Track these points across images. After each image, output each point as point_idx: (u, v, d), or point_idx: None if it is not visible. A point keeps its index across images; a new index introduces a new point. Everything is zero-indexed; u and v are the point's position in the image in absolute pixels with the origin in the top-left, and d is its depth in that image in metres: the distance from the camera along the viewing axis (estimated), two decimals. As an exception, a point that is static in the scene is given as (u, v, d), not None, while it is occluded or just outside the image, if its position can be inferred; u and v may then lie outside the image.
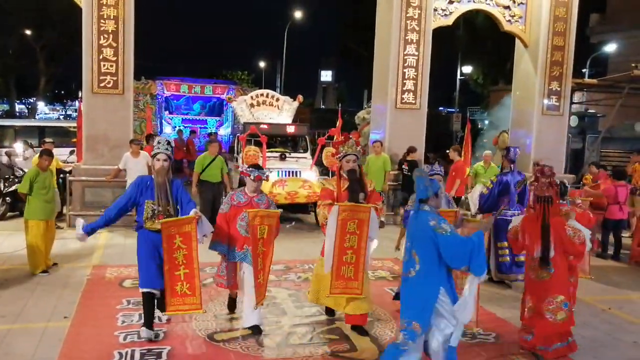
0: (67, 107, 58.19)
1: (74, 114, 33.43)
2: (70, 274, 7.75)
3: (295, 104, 13.35)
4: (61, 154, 12.01)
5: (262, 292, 5.60)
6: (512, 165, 7.99)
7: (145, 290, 5.42)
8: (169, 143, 5.61)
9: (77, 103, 35.10)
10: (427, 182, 4.60)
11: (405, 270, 4.59)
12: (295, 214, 12.35)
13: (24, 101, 48.92)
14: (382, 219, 11.94)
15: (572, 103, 15.32)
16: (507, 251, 7.82)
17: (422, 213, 4.50)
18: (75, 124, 14.02)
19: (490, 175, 9.77)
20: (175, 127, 19.92)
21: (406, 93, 12.71)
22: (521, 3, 13.62)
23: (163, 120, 19.75)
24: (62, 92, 54.46)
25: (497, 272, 7.96)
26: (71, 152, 12.50)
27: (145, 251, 5.43)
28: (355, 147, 5.90)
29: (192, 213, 5.27)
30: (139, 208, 5.44)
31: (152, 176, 5.50)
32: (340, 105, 15.31)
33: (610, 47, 28.90)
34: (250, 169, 5.85)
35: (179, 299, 5.27)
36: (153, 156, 5.54)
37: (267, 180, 5.84)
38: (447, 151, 12.59)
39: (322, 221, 5.86)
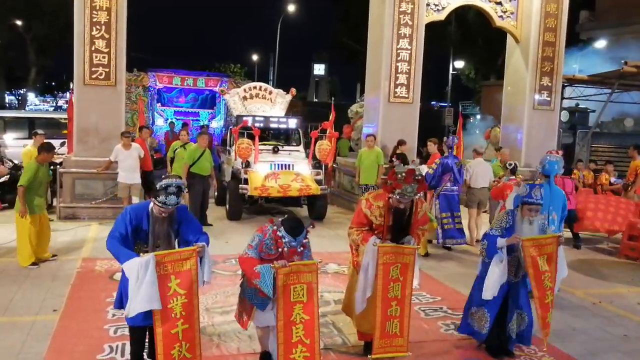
0: (57, 99, 57.80)
1: (65, 106, 33.19)
2: (60, 267, 7.72)
3: (288, 97, 13.32)
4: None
5: None
6: (449, 150, 9.87)
7: (138, 326, 4.37)
8: (179, 190, 4.29)
9: (67, 95, 34.87)
10: None
11: None
12: (288, 207, 12.37)
13: (13, 92, 48.53)
14: None
15: (562, 98, 15.39)
16: (449, 220, 9.55)
17: None
18: (65, 116, 13.93)
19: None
20: (167, 119, 19.81)
21: (399, 87, 12.72)
22: (513, -1, 13.67)
23: (155, 113, 19.64)
24: (53, 83, 54.09)
25: (443, 239, 9.59)
26: (62, 144, 12.42)
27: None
28: (414, 192, 4.90)
29: (195, 246, 4.22)
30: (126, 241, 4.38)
31: (149, 212, 4.39)
32: (333, 98, 15.31)
33: (600, 44, 29.02)
34: (283, 233, 4.36)
35: None
36: (155, 197, 4.29)
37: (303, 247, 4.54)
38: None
39: (352, 244, 5.17)
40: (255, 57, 50.17)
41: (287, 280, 4.32)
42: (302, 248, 4.47)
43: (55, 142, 12.58)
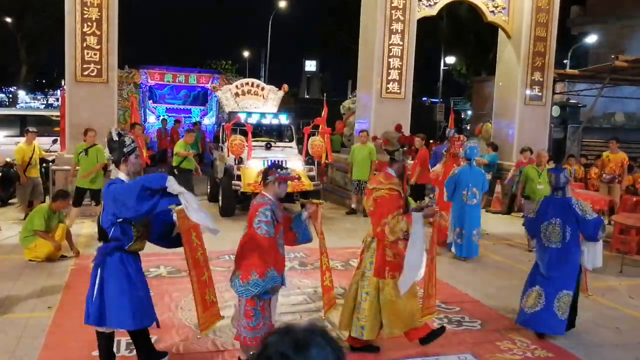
0: (48, 97, 57.44)
1: (56, 103, 32.99)
2: (55, 264, 7.70)
3: (281, 93, 13.32)
4: (43, 143, 11.88)
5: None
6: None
7: (137, 329, 4.56)
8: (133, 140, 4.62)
9: (58, 92, 34.66)
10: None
11: None
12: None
13: (4, 90, 48.16)
14: (354, 206, 12.11)
15: (554, 93, 15.47)
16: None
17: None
18: (57, 113, 13.87)
19: (546, 179, 8.04)
20: (159, 116, 19.77)
21: (391, 82, 12.75)
22: (504, -6, 13.72)
23: (147, 110, 19.59)
24: (44, 81, 53.68)
25: None
26: (54, 141, 12.38)
27: (130, 280, 4.41)
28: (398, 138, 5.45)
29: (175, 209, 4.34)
30: (122, 226, 4.36)
31: (125, 181, 4.44)
32: (325, 95, 15.32)
33: (591, 39, 29.19)
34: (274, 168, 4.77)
35: (208, 312, 4.66)
36: (130, 154, 4.49)
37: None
38: (431, 141, 12.70)
39: (399, 236, 4.94)
40: (246, 54, 50.05)
41: None
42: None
43: (47, 140, 12.61)
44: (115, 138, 4.48)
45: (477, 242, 8.89)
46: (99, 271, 4.42)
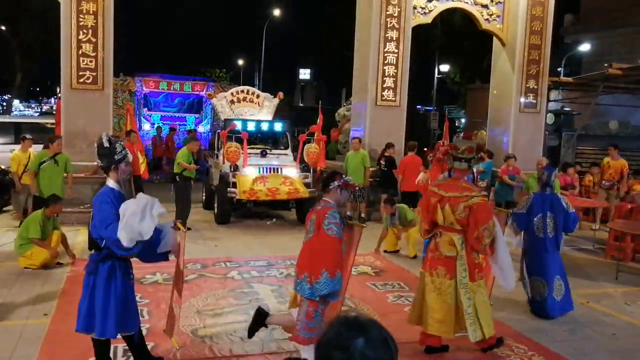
0: (42, 104, 57.34)
1: (50, 111, 32.93)
2: (50, 271, 7.67)
3: (276, 100, 13.34)
4: (38, 150, 11.82)
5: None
6: None
7: (123, 334, 4.64)
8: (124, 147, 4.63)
9: (52, 100, 34.56)
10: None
11: None
12: (276, 210, 12.36)
13: (-2, 98, 48.11)
14: (363, 215, 12.04)
15: (548, 101, 15.54)
16: None
17: None
18: (52, 120, 13.85)
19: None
20: (154, 124, 19.76)
21: (386, 90, 12.79)
22: (499, 2, 13.79)
23: (142, 117, 19.58)
24: (37, 89, 53.62)
25: None
26: (49, 149, 12.32)
27: (117, 288, 4.39)
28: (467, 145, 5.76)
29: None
30: None
31: (115, 188, 4.45)
32: (320, 102, 15.38)
33: (584, 47, 29.38)
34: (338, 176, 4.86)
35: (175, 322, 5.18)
36: (120, 161, 4.48)
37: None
38: (425, 148, 12.73)
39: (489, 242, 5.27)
40: (240, 62, 50.10)
41: None
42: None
43: (42, 147, 12.55)
44: (106, 144, 4.44)
45: None
46: (91, 279, 4.40)
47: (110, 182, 4.45)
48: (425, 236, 5.69)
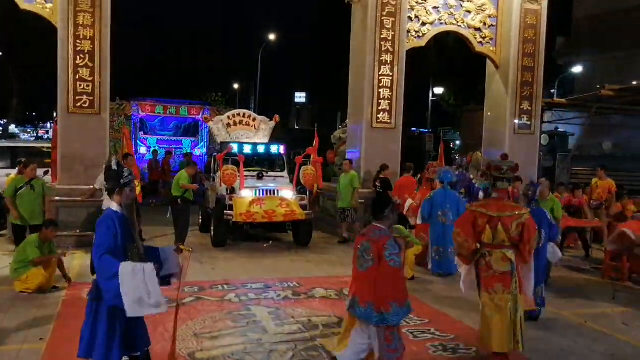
0: (38, 129, 57.41)
1: (46, 136, 32.98)
2: (46, 295, 7.61)
3: (272, 123, 13.40)
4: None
5: None
6: (461, 170, 11.12)
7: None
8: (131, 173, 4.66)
9: (48, 125, 34.57)
10: None
11: None
12: (273, 233, 12.35)
13: (-5, 122, 48.17)
14: (345, 235, 12.10)
15: (542, 122, 15.67)
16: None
17: None
18: (48, 145, 13.86)
19: (546, 206, 8.52)
20: (150, 147, 19.80)
21: (381, 112, 12.88)
22: (492, 25, 13.97)
23: (138, 141, 19.62)
24: (34, 113, 53.71)
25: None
26: (45, 173, 12.33)
27: (122, 314, 4.19)
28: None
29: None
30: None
31: (118, 211, 4.43)
32: (316, 125, 15.48)
33: (577, 69, 29.75)
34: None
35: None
36: (125, 185, 4.50)
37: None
38: (425, 171, 12.80)
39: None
40: (236, 86, 50.39)
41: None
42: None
43: (39, 171, 12.55)
44: (115, 167, 4.50)
45: (454, 259, 9.25)
46: (94, 306, 4.34)
47: (114, 205, 4.47)
48: (468, 259, 5.75)
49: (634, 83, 18.89)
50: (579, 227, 11.65)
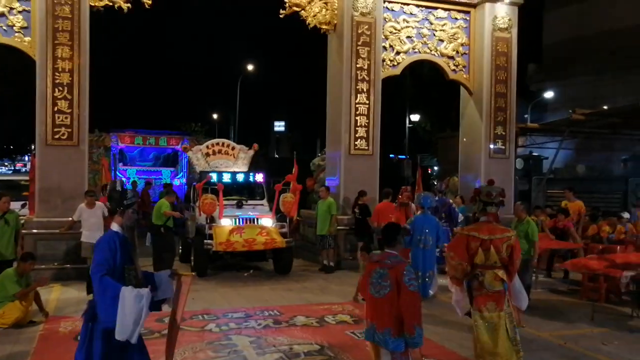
0: (15, 162, 56.77)
1: (24, 169, 32.63)
2: (22, 330, 7.52)
3: (251, 152, 13.48)
4: (12, 207, 11.71)
5: None
6: (440, 195, 11.12)
7: None
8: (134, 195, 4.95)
9: (26, 157, 34.24)
10: None
11: None
12: (252, 261, 12.33)
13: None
14: (332, 263, 12.11)
15: (517, 146, 15.97)
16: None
17: None
18: (26, 178, 13.76)
19: (520, 230, 9.01)
20: (130, 178, 19.73)
21: (359, 139, 13.03)
22: (464, 53, 14.29)
23: (117, 172, 19.55)
24: (11, 147, 53.17)
25: None
26: (22, 206, 12.21)
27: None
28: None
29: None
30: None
31: (119, 232, 4.51)
32: (295, 153, 15.58)
33: (549, 94, 30.44)
34: None
35: None
36: (128, 207, 4.67)
37: None
38: (399, 196, 12.90)
39: None
40: (215, 116, 50.45)
41: None
42: None
43: (16, 204, 12.43)
44: (119, 188, 4.60)
45: (431, 283, 9.58)
46: (89, 327, 4.32)
47: (115, 226, 4.53)
48: (461, 281, 5.88)
49: (605, 107, 19.37)
50: (562, 250, 11.78)
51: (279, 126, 60.55)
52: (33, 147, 12.43)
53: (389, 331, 4.72)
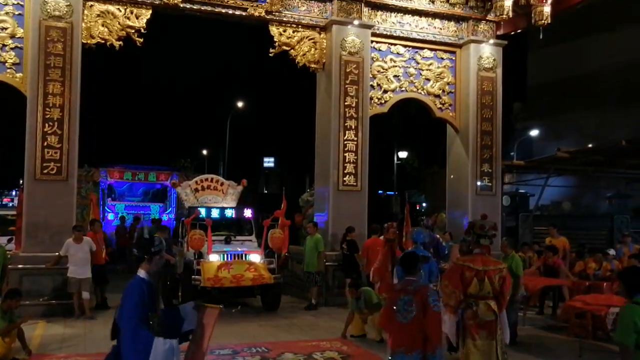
0: (2, 197, 56.26)
1: (10, 204, 32.41)
2: (6, 368, 7.42)
3: (240, 187, 13.52)
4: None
5: None
6: (428, 231, 11.03)
7: None
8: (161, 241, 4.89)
9: (13, 192, 34.00)
10: None
11: None
12: (240, 298, 12.26)
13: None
14: (314, 301, 12.06)
15: (503, 183, 16.15)
16: None
17: None
18: (13, 212, 13.71)
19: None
20: (118, 213, 19.66)
21: (347, 176, 13.15)
22: (450, 92, 14.57)
23: (106, 207, 19.49)
24: (-2, 182, 52.64)
25: None
26: (9, 240, 12.17)
27: None
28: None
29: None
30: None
31: (146, 279, 4.52)
32: (284, 188, 15.67)
33: (534, 132, 30.93)
34: None
35: None
36: (155, 254, 4.63)
37: None
38: (385, 232, 12.95)
39: None
40: (205, 152, 50.57)
41: None
42: None
43: (2, 239, 12.39)
44: (146, 236, 4.64)
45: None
46: None
47: (142, 273, 4.53)
48: (454, 309, 6.05)
49: (590, 145, 19.70)
50: (552, 286, 11.79)
51: (269, 162, 60.70)
52: (21, 181, 12.41)
53: (418, 353, 5.01)
